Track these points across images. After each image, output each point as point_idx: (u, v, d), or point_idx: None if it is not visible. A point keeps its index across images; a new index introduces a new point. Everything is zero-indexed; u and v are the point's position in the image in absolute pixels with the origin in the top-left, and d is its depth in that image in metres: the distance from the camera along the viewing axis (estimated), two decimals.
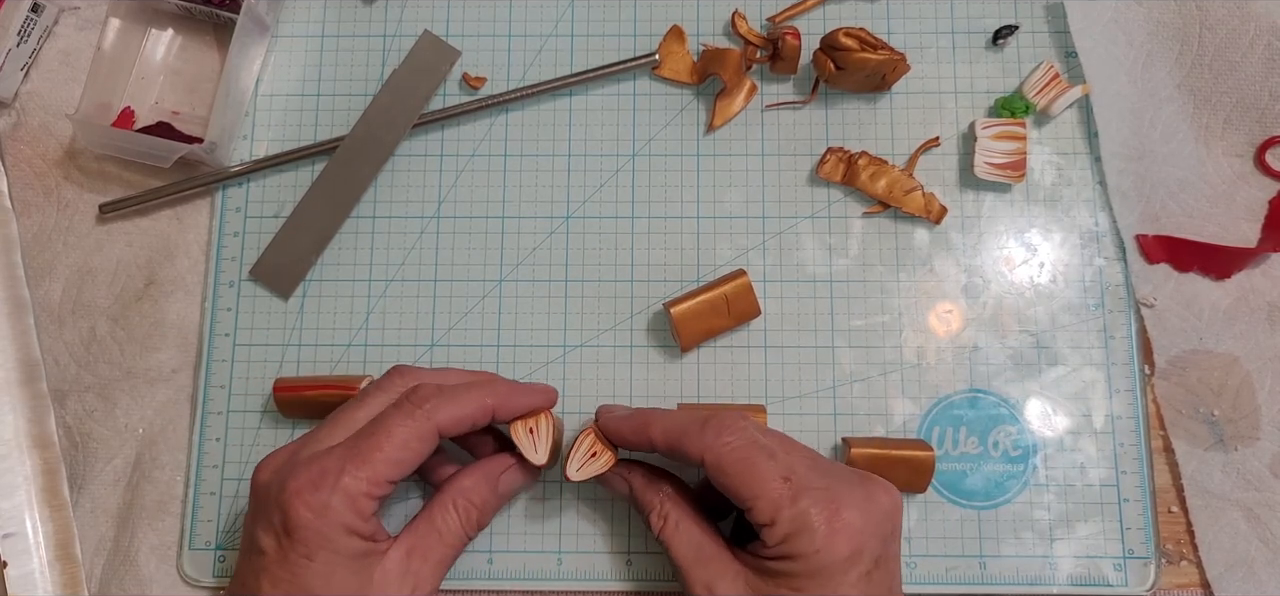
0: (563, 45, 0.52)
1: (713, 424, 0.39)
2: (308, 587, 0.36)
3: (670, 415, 0.41)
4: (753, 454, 0.38)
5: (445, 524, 0.40)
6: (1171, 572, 0.46)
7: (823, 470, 0.39)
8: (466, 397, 0.40)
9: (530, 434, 0.42)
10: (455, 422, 0.39)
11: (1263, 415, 0.47)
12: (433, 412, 0.39)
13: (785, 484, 0.37)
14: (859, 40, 0.48)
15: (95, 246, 0.50)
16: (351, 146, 0.50)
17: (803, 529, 0.36)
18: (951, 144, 0.50)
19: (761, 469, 0.37)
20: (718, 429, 0.39)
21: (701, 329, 0.47)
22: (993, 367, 0.48)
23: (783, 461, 0.38)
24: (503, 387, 0.41)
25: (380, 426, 0.38)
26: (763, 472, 0.37)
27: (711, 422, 0.39)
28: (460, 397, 0.40)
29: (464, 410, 0.39)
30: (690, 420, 0.40)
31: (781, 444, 0.39)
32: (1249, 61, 0.49)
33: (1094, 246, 0.49)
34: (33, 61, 0.52)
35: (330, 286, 0.50)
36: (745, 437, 0.38)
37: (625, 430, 0.41)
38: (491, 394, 0.41)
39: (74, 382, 0.49)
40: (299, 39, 0.53)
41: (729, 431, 0.38)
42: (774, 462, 0.38)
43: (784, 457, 0.38)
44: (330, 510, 0.36)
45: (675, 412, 0.41)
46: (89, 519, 0.48)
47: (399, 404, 0.39)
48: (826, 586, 0.36)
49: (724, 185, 0.50)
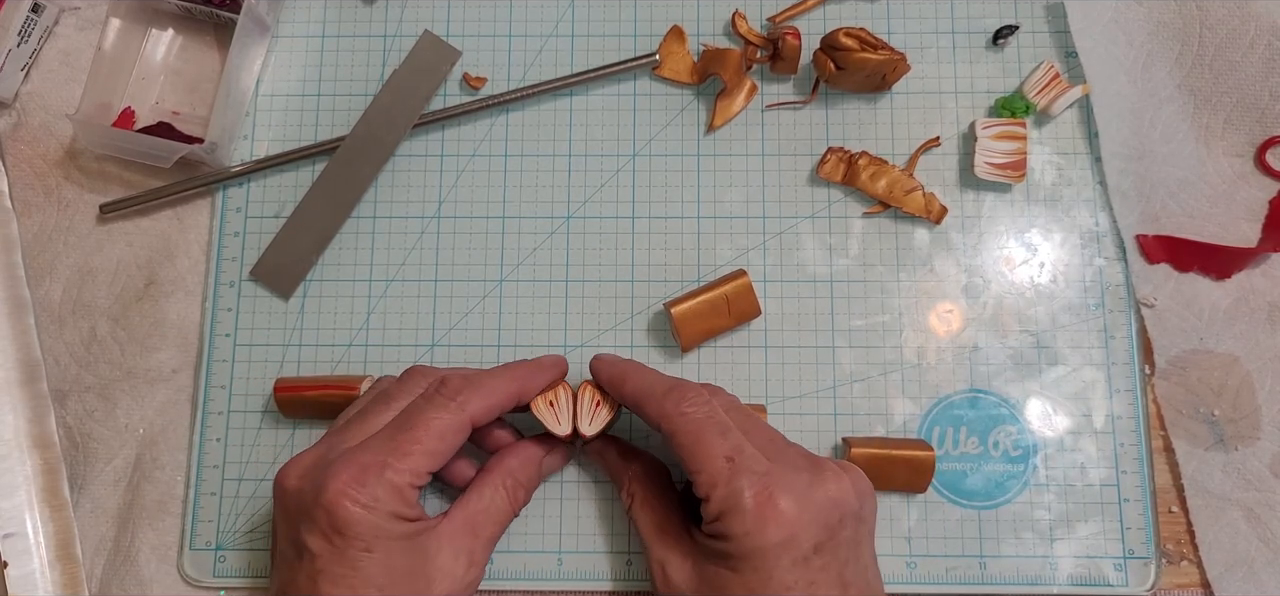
0: (563, 45, 0.52)
1: (675, 392, 0.40)
2: (371, 577, 0.37)
3: (643, 374, 0.42)
4: (705, 428, 0.38)
5: (494, 501, 0.41)
6: (1172, 572, 0.46)
7: (774, 453, 0.39)
8: (494, 385, 0.41)
9: (551, 406, 0.44)
10: (487, 411, 0.40)
11: (1263, 415, 0.47)
12: (465, 404, 0.40)
13: (727, 463, 0.37)
14: (859, 40, 0.48)
15: (95, 246, 0.50)
16: (352, 146, 0.50)
17: (734, 509, 0.37)
18: (952, 144, 0.50)
19: (710, 443, 0.38)
20: (678, 397, 0.39)
21: (702, 329, 0.47)
22: (993, 367, 0.48)
23: (732, 440, 0.38)
24: (521, 371, 0.43)
25: (417, 419, 0.39)
26: (710, 447, 0.38)
27: (674, 390, 0.40)
28: (488, 385, 0.41)
29: (494, 398, 0.41)
30: (657, 383, 0.41)
31: (743, 423, 0.40)
32: (1249, 61, 0.49)
33: (1094, 246, 0.49)
34: (33, 61, 0.52)
35: (330, 286, 0.50)
36: (703, 411, 0.39)
37: (603, 377, 0.43)
38: (514, 379, 0.42)
39: (74, 382, 0.49)
40: (299, 39, 0.53)
41: (689, 402, 0.39)
42: (724, 439, 0.38)
43: (735, 437, 0.38)
44: (379, 502, 0.37)
45: (648, 373, 0.42)
46: (89, 519, 0.48)
47: (431, 397, 0.40)
48: (760, 570, 0.36)
49: (724, 185, 0.50)
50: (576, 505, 0.47)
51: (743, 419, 0.40)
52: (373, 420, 0.40)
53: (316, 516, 0.37)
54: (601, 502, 0.47)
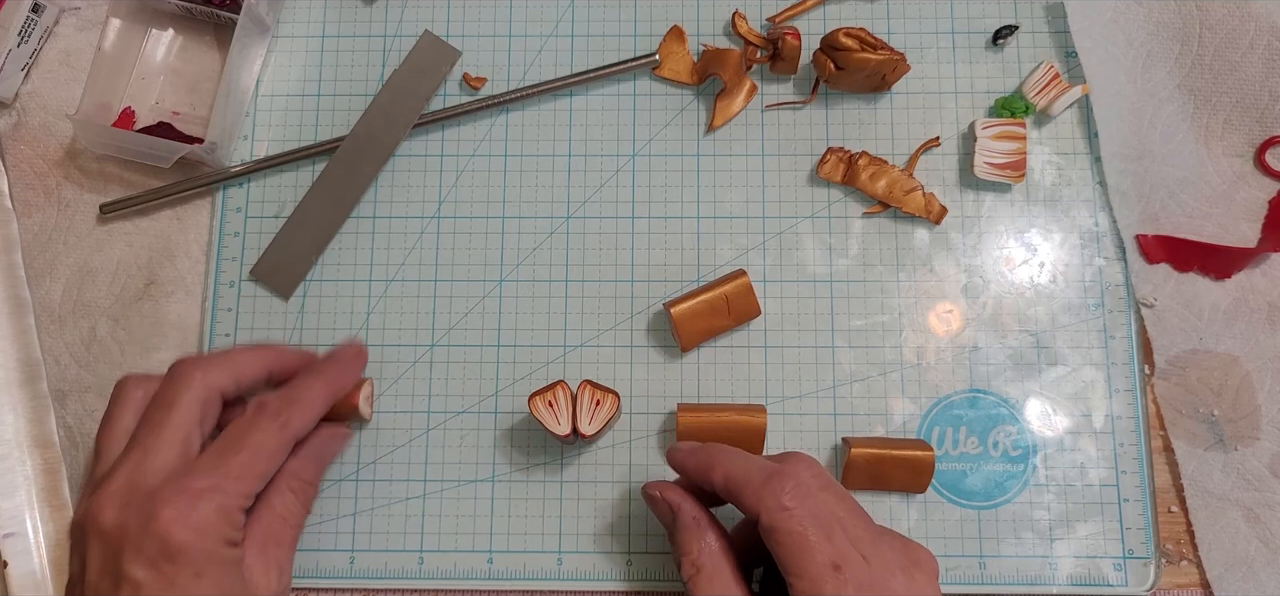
0: (563, 45, 0.52)
1: (774, 482, 0.38)
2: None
3: (735, 459, 0.40)
4: (807, 529, 0.37)
5: (286, 507, 0.41)
6: (1171, 572, 0.46)
7: (870, 549, 0.37)
8: (311, 399, 0.42)
9: (550, 406, 0.44)
10: (308, 425, 0.42)
11: (1263, 415, 0.47)
12: (289, 422, 0.40)
13: (834, 573, 0.36)
14: (859, 40, 0.48)
15: (95, 246, 0.50)
16: (352, 146, 0.50)
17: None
18: (951, 144, 0.51)
19: (813, 548, 0.37)
20: (778, 489, 0.38)
21: (702, 329, 0.47)
22: (993, 367, 0.48)
23: (837, 544, 0.37)
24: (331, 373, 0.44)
25: (247, 442, 0.39)
26: (814, 554, 0.36)
27: (774, 480, 0.38)
28: (305, 400, 0.41)
29: (312, 411, 0.42)
30: (754, 471, 0.39)
31: (840, 516, 0.38)
32: (1249, 61, 0.49)
33: (1094, 246, 0.49)
34: (33, 62, 0.52)
35: (330, 286, 0.50)
36: (805, 508, 0.37)
37: (690, 465, 0.41)
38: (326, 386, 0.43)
39: (74, 383, 0.49)
40: (299, 39, 0.53)
41: (790, 494, 0.37)
42: (829, 544, 0.37)
43: (840, 540, 0.37)
44: (211, 527, 0.37)
45: (737, 457, 0.40)
46: None
47: (255, 419, 0.40)
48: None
49: (724, 185, 0.50)
50: (576, 505, 0.47)
51: (838, 506, 0.38)
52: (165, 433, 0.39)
53: (144, 545, 0.36)
54: (601, 502, 0.47)
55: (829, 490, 0.39)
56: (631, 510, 0.47)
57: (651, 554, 0.47)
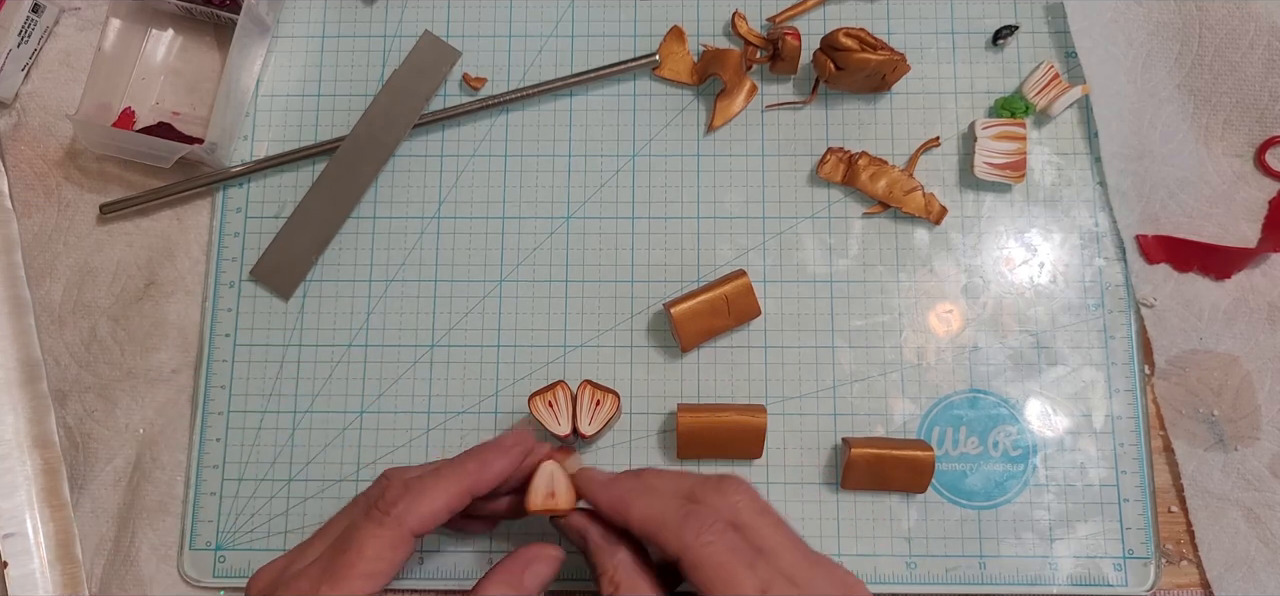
0: (563, 45, 0.52)
1: (693, 521, 0.37)
2: None
3: (650, 497, 0.38)
4: (731, 561, 0.36)
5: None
6: (1171, 572, 0.46)
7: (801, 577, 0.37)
8: (437, 490, 0.38)
9: (550, 407, 0.43)
10: (430, 519, 0.38)
11: (1263, 415, 0.47)
12: (403, 516, 0.37)
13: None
14: (859, 40, 0.48)
15: (95, 247, 0.50)
16: (352, 147, 0.50)
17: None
18: (951, 144, 0.51)
19: (739, 579, 0.36)
20: (698, 526, 0.36)
21: (702, 329, 0.47)
22: (993, 367, 0.48)
23: (760, 573, 0.36)
24: (471, 465, 0.39)
25: (352, 539, 0.37)
26: (739, 583, 0.36)
27: (692, 518, 0.37)
28: (431, 491, 0.38)
29: (436, 504, 0.38)
30: (670, 509, 0.37)
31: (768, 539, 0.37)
32: (1249, 61, 0.49)
33: (1094, 246, 0.49)
34: (33, 62, 0.52)
35: (330, 286, 0.50)
36: (727, 541, 0.36)
37: (602, 501, 0.39)
38: (463, 477, 0.39)
39: (74, 383, 0.49)
40: (299, 39, 0.53)
41: (710, 529, 0.36)
42: (752, 573, 0.36)
43: (762, 568, 0.36)
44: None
45: (656, 496, 0.39)
46: (89, 519, 0.48)
47: (369, 511, 0.38)
48: None
49: (724, 185, 0.50)
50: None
51: (765, 531, 0.37)
52: (330, 531, 0.39)
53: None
54: None
55: (762, 515, 0.38)
56: None
57: None
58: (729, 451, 0.46)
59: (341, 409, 0.48)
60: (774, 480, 0.47)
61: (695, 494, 0.38)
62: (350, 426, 0.48)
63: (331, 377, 0.49)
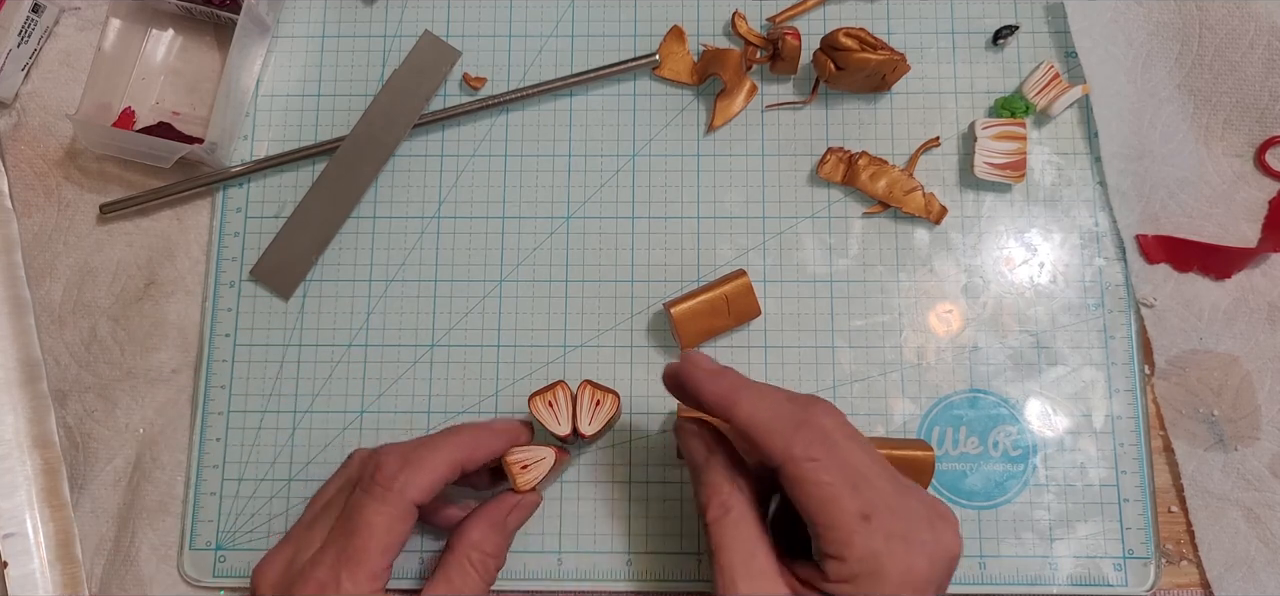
0: (563, 45, 0.52)
1: (803, 433, 0.36)
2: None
3: (762, 397, 0.37)
4: (836, 482, 0.35)
5: (465, 580, 0.40)
6: (1171, 572, 0.46)
7: (898, 502, 0.36)
8: (433, 461, 0.39)
9: (549, 406, 0.43)
10: (430, 488, 0.39)
11: (1263, 415, 0.47)
12: (404, 489, 0.38)
13: (863, 522, 0.35)
14: (859, 40, 0.48)
15: (95, 246, 0.50)
16: (352, 146, 0.50)
17: (873, 573, 0.34)
18: (951, 144, 0.51)
19: (842, 501, 0.35)
20: (807, 441, 0.36)
21: (702, 329, 0.47)
22: (993, 367, 0.48)
23: (865, 494, 0.35)
24: (465, 437, 0.41)
25: (359, 521, 0.38)
26: (842, 506, 0.35)
27: (803, 430, 0.36)
28: (428, 462, 0.39)
29: (435, 474, 0.39)
30: (780, 415, 0.36)
31: (868, 467, 0.36)
32: (1249, 61, 0.49)
33: (1094, 246, 0.49)
34: (33, 62, 0.52)
35: (330, 286, 0.50)
36: (833, 458, 0.36)
37: (708, 391, 0.38)
38: (457, 447, 0.40)
39: (74, 383, 0.49)
40: (299, 39, 0.53)
41: (818, 445, 0.36)
42: (857, 494, 0.35)
43: (867, 490, 0.35)
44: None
45: (767, 396, 0.37)
46: (89, 519, 0.48)
47: (369, 488, 0.38)
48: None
49: (724, 185, 0.50)
50: (576, 505, 0.47)
51: (864, 459, 0.37)
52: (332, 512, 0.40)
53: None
54: (601, 502, 0.47)
55: (853, 440, 0.37)
56: (631, 510, 0.47)
57: (651, 554, 0.47)
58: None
59: (341, 409, 0.48)
60: None
61: (796, 405, 0.37)
62: (350, 426, 0.48)
63: (331, 377, 0.49)
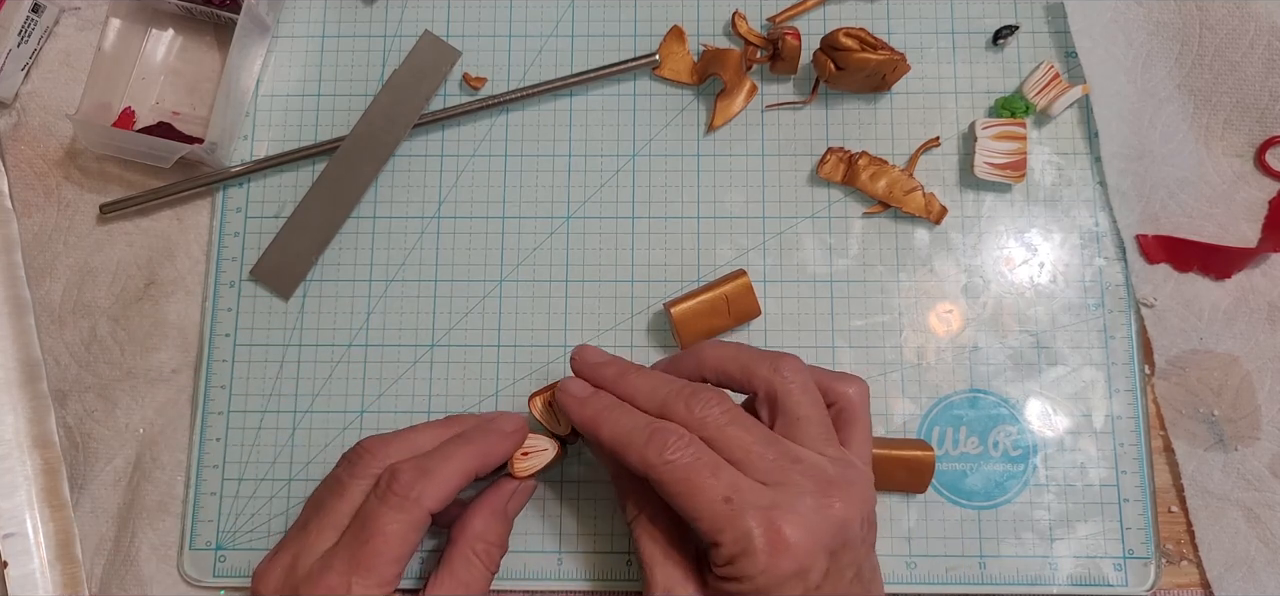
0: (563, 45, 0.52)
1: (656, 439, 0.37)
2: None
3: (618, 416, 0.39)
4: (696, 473, 0.36)
5: (470, 573, 0.40)
6: (1171, 572, 0.46)
7: (777, 474, 0.37)
8: (448, 473, 0.39)
9: (549, 406, 0.43)
10: (444, 500, 0.39)
11: (1263, 415, 0.47)
12: (420, 499, 0.38)
13: (727, 504, 0.36)
14: (859, 40, 0.48)
15: (95, 246, 0.50)
16: (352, 146, 0.50)
17: (745, 551, 0.35)
18: (951, 144, 0.51)
19: (704, 488, 0.36)
20: (660, 445, 0.37)
21: (702, 329, 0.47)
22: (993, 367, 0.48)
23: (726, 477, 0.36)
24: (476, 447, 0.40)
25: (374, 528, 0.38)
26: (706, 492, 0.36)
27: (655, 437, 0.37)
28: (442, 474, 0.39)
29: (449, 486, 0.39)
30: (636, 429, 0.38)
31: (737, 447, 0.37)
32: (1249, 61, 0.49)
33: (1094, 246, 0.49)
34: (33, 62, 0.52)
35: (330, 286, 0.50)
36: (689, 453, 0.37)
37: (576, 418, 0.40)
38: (471, 457, 0.40)
39: (74, 383, 0.49)
40: (299, 39, 0.53)
41: (672, 447, 0.37)
42: (717, 479, 0.36)
43: (728, 472, 0.36)
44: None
45: (623, 413, 0.39)
46: (89, 519, 0.48)
47: (385, 497, 0.38)
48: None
49: (724, 185, 0.50)
50: (576, 505, 0.47)
51: (738, 438, 0.38)
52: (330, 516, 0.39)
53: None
54: (601, 503, 0.47)
55: (734, 424, 0.38)
56: None
57: None
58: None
59: (341, 409, 0.48)
60: None
61: (666, 406, 0.39)
62: (350, 426, 0.48)
63: (331, 377, 0.49)
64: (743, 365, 0.40)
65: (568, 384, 0.42)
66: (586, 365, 0.42)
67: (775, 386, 0.39)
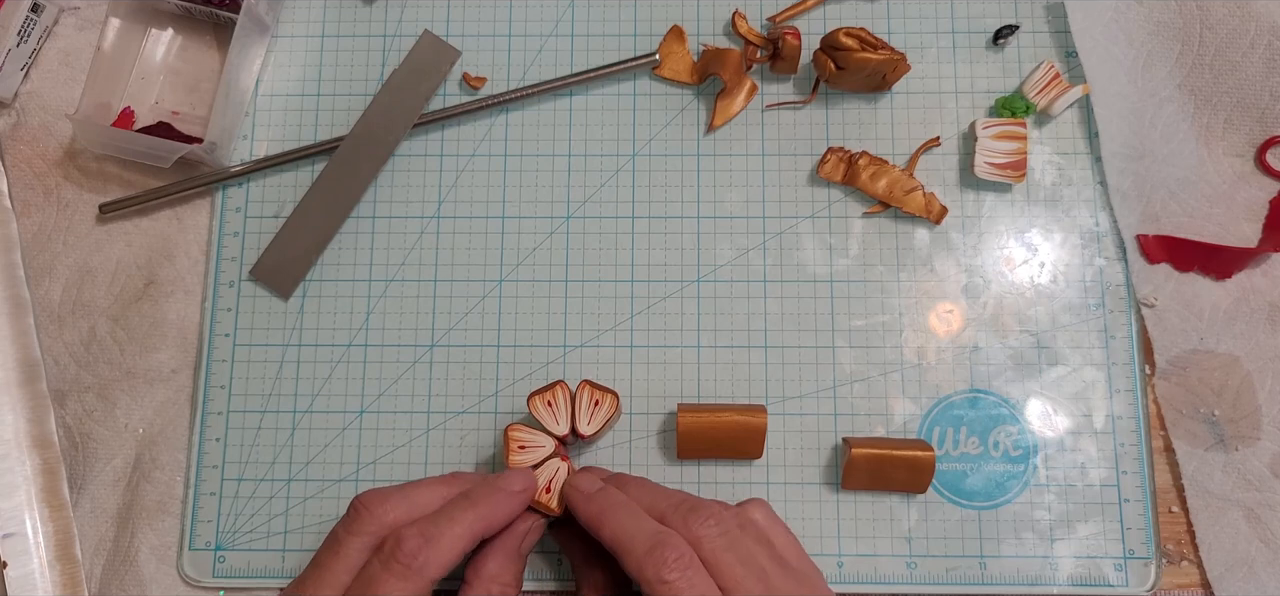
0: (563, 45, 0.52)
1: (656, 554, 0.37)
2: None
3: (623, 517, 0.39)
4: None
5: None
6: (1172, 572, 0.46)
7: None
8: (453, 539, 0.38)
9: (548, 407, 0.43)
10: (449, 567, 0.38)
11: (1263, 415, 0.47)
12: (425, 568, 0.37)
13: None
14: (859, 40, 0.48)
15: (95, 246, 0.50)
16: (351, 146, 0.50)
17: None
18: (952, 144, 0.50)
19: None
20: (659, 561, 0.36)
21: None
22: (993, 367, 0.48)
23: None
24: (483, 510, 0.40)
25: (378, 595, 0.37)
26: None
27: (655, 552, 0.37)
28: (446, 538, 0.38)
29: (454, 553, 0.38)
30: (639, 535, 0.38)
31: (729, 577, 0.37)
32: (1249, 61, 0.49)
33: (1094, 246, 0.49)
34: (33, 61, 0.52)
35: (330, 286, 0.50)
36: (686, 580, 0.36)
37: (581, 513, 0.40)
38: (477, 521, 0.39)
39: (74, 383, 0.49)
40: (299, 39, 0.52)
41: (673, 565, 0.36)
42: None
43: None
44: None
45: (629, 516, 0.39)
46: (89, 519, 0.48)
47: (389, 564, 0.37)
48: None
49: (724, 185, 0.50)
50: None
51: (730, 567, 0.37)
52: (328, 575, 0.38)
53: None
54: None
55: (729, 551, 0.38)
56: None
57: None
58: (729, 451, 0.46)
59: (341, 409, 0.48)
60: (774, 480, 0.47)
61: (667, 520, 0.39)
62: (350, 426, 0.48)
63: (331, 377, 0.49)
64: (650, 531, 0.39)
65: (576, 479, 0.42)
66: (577, 492, 0.41)
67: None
